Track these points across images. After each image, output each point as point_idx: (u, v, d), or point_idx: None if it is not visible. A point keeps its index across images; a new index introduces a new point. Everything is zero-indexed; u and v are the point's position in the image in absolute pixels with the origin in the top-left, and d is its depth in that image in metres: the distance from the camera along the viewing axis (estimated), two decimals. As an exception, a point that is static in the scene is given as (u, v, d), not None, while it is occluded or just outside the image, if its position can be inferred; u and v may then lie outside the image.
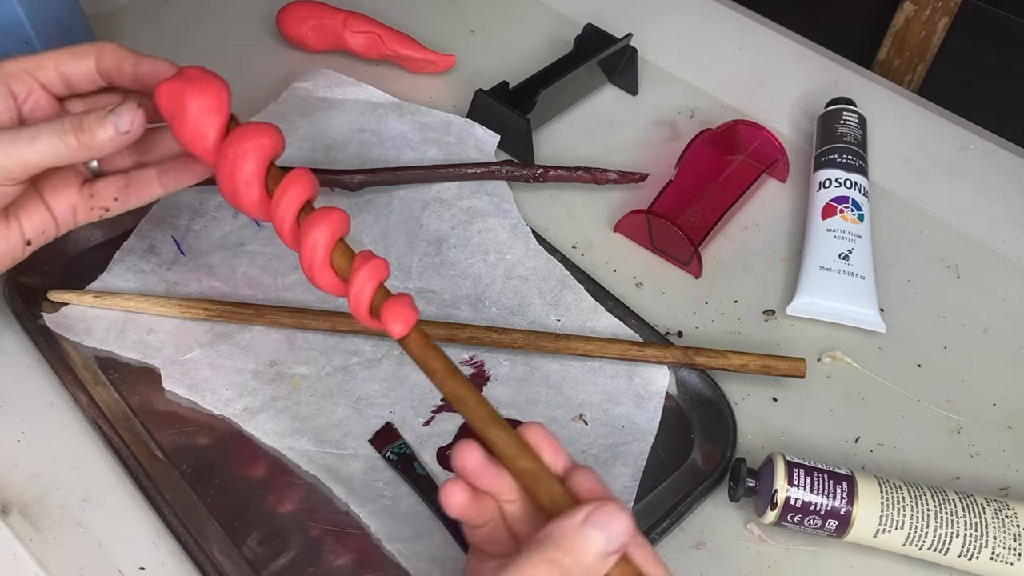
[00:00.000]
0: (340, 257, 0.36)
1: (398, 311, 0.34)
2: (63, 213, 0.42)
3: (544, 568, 0.28)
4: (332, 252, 0.36)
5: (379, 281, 0.35)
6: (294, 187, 0.37)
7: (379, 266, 0.35)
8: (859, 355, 0.54)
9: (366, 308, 0.35)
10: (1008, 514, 0.43)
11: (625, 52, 0.70)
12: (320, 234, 0.35)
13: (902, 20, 0.81)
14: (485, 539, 0.34)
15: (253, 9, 0.76)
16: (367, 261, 0.35)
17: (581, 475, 0.32)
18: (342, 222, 0.36)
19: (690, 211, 0.60)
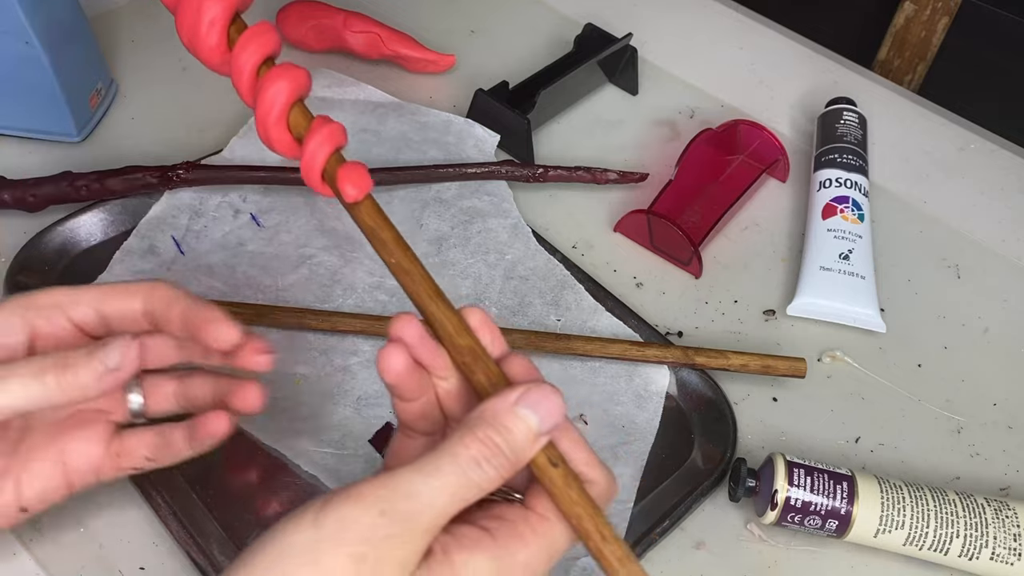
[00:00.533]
0: (298, 116, 0.34)
1: (354, 175, 0.32)
2: (81, 473, 0.37)
3: (475, 446, 0.28)
4: (290, 110, 0.34)
5: (336, 146, 0.33)
6: (258, 39, 0.34)
7: (337, 130, 0.33)
8: (859, 355, 0.54)
9: (319, 171, 0.33)
10: (1008, 514, 0.43)
11: (625, 52, 0.70)
12: (280, 88, 0.33)
13: (902, 20, 0.81)
14: (416, 416, 0.33)
15: (253, 9, 0.75)
16: (325, 124, 0.33)
17: (515, 361, 0.32)
18: (303, 79, 0.34)
19: (690, 211, 0.60)
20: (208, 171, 0.57)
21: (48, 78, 0.57)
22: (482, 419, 0.29)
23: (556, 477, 0.29)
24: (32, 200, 0.55)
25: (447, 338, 0.32)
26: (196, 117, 0.65)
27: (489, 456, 0.28)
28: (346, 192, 0.32)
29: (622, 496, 0.45)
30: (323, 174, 0.33)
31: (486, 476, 0.28)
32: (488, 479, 0.28)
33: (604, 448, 0.48)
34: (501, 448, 0.28)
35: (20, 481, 0.35)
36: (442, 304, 0.32)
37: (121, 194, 0.56)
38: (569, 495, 0.29)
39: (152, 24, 0.73)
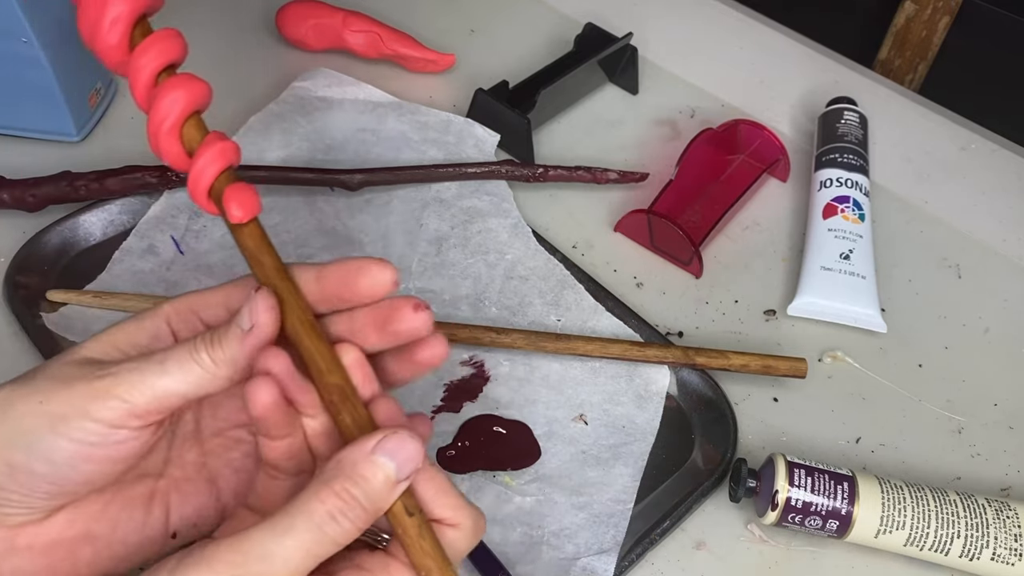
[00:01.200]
0: (192, 129, 0.33)
1: (241, 195, 0.31)
2: (234, 494, 0.34)
3: (331, 500, 0.27)
4: (184, 122, 0.33)
5: (227, 164, 0.32)
6: (161, 44, 0.34)
7: (229, 148, 0.32)
8: (860, 355, 0.54)
9: (206, 188, 0.32)
10: (1009, 514, 0.43)
11: (625, 51, 0.70)
12: (176, 98, 0.32)
13: (903, 19, 0.81)
14: (282, 455, 0.32)
15: (253, 9, 0.76)
16: (219, 140, 0.32)
17: (383, 403, 0.31)
18: (202, 92, 0.33)
19: (690, 211, 0.60)
20: (208, 171, 0.57)
21: (47, 78, 0.57)
22: (339, 470, 0.28)
23: (410, 527, 0.29)
24: (31, 200, 0.55)
25: (317, 374, 0.30)
26: (196, 117, 0.65)
27: (345, 509, 0.27)
28: (231, 212, 0.31)
29: (622, 496, 0.45)
30: (210, 191, 0.32)
31: (342, 530, 0.27)
32: (345, 533, 0.27)
33: (604, 448, 0.48)
34: (358, 500, 0.27)
35: (169, 503, 0.33)
36: (315, 338, 0.31)
37: (120, 194, 0.56)
38: (421, 546, 0.29)
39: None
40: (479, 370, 0.51)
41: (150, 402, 0.29)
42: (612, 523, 0.44)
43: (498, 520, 0.44)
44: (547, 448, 0.48)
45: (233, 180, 0.32)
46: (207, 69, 0.75)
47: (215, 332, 0.31)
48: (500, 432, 0.48)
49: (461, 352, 0.52)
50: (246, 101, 0.66)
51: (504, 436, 0.48)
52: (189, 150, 0.33)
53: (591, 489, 0.46)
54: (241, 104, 0.66)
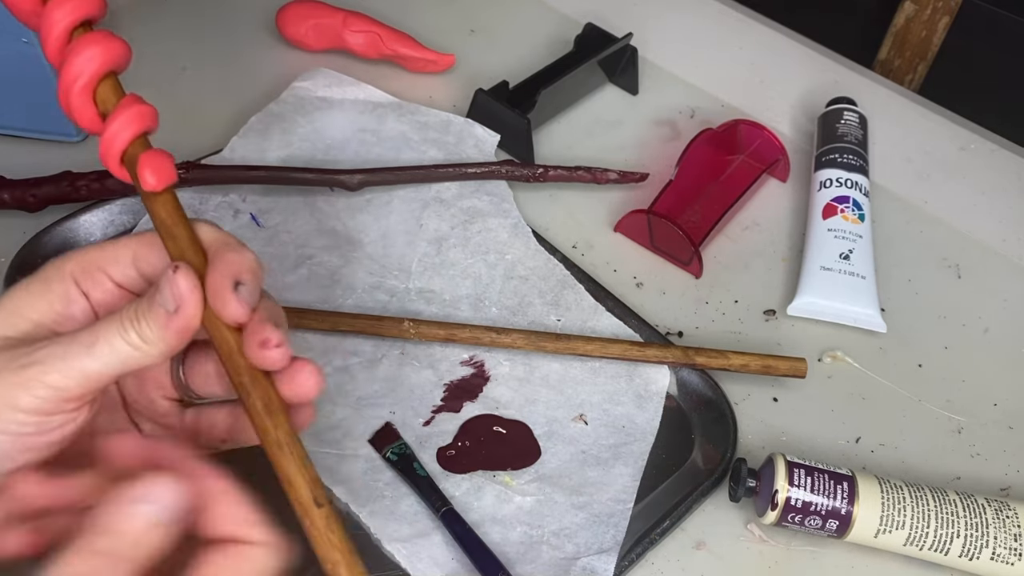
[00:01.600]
0: (107, 90, 0.31)
1: (156, 162, 0.30)
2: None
3: (89, 561, 0.25)
4: (99, 81, 0.31)
5: (143, 129, 0.30)
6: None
7: (147, 113, 0.31)
8: (860, 355, 0.54)
9: (119, 153, 0.30)
10: (1009, 514, 0.43)
11: (625, 52, 0.70)
12: (92, 55, 0.30)
13: (903, 20, 0.81)
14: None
15: (253, 9, 0.76)
16: (135, 104, 0.31)
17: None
18: (121, 51, 0.31)
19: (690, 211, 0.60)
20: (208, 171, 0.57)
21: (48, 78, 0.57)
22: (92, 528, 0.26)
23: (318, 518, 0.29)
24: (32, 200, 0.55)
25: (228, 354, 0.29)
26: (196, 117, 0.65)
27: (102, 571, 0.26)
28: (144, 179, 0.30)
29: (622, 496, 0.45)
30: (123, 157, 0.30)
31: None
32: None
33: (604, 448, 0.48)
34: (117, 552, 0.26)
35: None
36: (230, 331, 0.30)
37: (121, 194, 0.56)
38: (329, 538, 0.29)
39: (152, 24, 0.73)
40: (479, 370, 0.51)
41: (82, 385, 0.28)
42: (612, 523, 0.44)
43: (498, 520, 0.44)
44: (547, 448, 0.48)
45: (148, 146, 0.31)
46: (207, 69, 0.75)
47: (139, 308, 0.29)
48: (500, 432, 0.48)
49: (461, 352, 0.52)
50: (246, 101, 0.66)
51: (504, 436, 0.48)
52: (103, 112, 0.31)
53: (591, 489, 0.46)
54: (241, 104, 0.66)
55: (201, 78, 0.69)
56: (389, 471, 0.46)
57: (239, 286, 0.29)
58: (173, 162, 0.30)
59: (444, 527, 0.44)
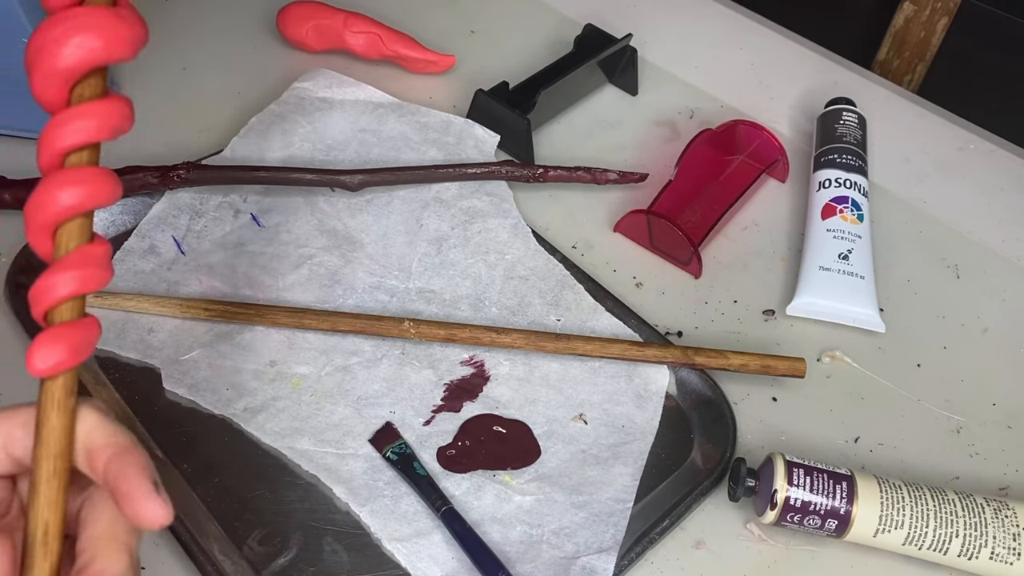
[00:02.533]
0: (71, 232, 0.27)
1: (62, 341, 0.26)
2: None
3: None
4: (67, 220, 0.27)
5: (79, 292, 0.27)
6: (98, 119, 0.28)
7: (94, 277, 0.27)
8: (859, 355, 0.54)
9: (44, 309, 0.27)
10: (1008, 514, 0.43)
11: (625, 52, 0.70)
12: (75, 194, 0.27)
13: (902, 20, 0.81)
14: None
15: (253, 9, 0.76)
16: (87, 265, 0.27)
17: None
18: (106, 196, 0.28)
19: (690, 211, 0.60)
20: (208, 171, 0.57)
21: (48, 78, 0.57)
22: None
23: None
24: (32, 200, 0.55)
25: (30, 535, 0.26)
26: (196, 117, 0.65)
27: None
28: (31, 359, 0.26)
29: (622, 495, 0.46)
30: (46, 315, 0.27)
31: None
32: None
33: (604, 447, 0.48)
34: None
35: None
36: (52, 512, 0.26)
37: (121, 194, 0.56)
38: None
39: (152, 24, 0.73)
40: (479, 370, 0.51)
41: None
42: (612, 522, 0.44)
43: (498, 519, 0.44)
44: (547, 447, 0.48)
45: (76, 314, 0.27)
46: (208, 69, 0.75)
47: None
48: (500, 431, 0.48)
49: (461, 352, 0.52)
50: (247, 102, 0.66)
51: (504, 435, 0.48)
52: (57, 249, 0.27)
53: (591, 488, 0.46)
54: (242, 105, 0.66)
55: (202, 78, 0.69)
56: (389, 470, 0.46)
57: (157, 485, 0.26)
58: (88, 342, 0.27)
59: (444, 526, 0.44)
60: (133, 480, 0.26)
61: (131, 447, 0.27)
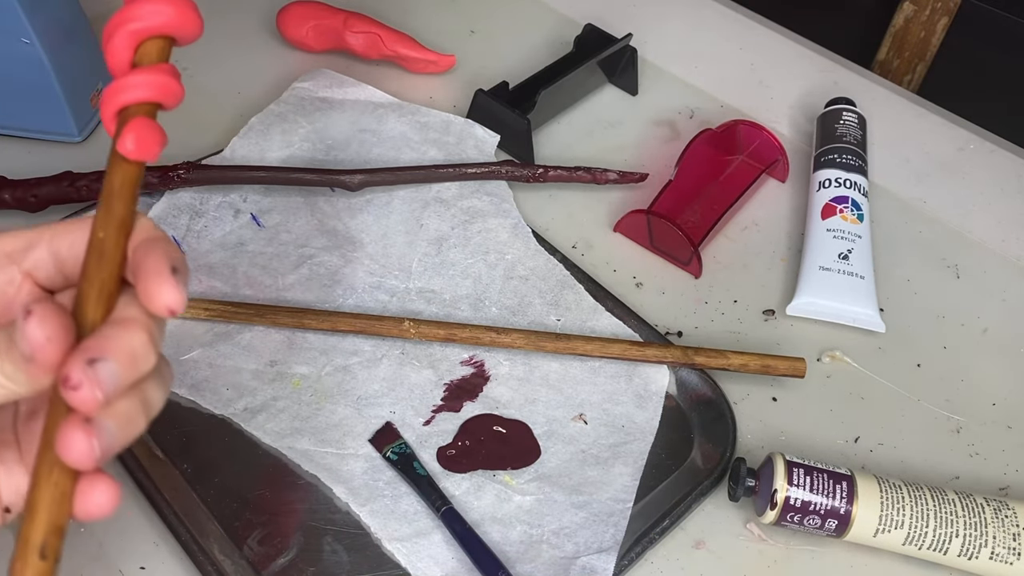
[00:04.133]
0: (154, 48, 0.28)
1: (147, 134, 0.28)
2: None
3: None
4: (151, 37, 0.28)
5: (160, 98, 0.28)
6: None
7: (174, 90, 0.29)
8: (859, 355, 0.54)
9: (121, 104, 0.28)
10: (1008, 514, 0.43)
11: (625, 52, 0.70)
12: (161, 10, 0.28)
13: (902, 20, 0.81)
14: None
15: (253, 9, 0.76)
16: (168, 76, 0.28)
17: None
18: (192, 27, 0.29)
19: (690, 211, 0.60)
20: (208, 171, 0.57)
21: (48, 78, 0.57)
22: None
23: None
24: (33, 200, 0.55)
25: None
26: (196, 117, 0.65)
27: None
28: (124, 142, 0.27)
29: (622, 495, 0.46)
30: (121, 110, 0.28)
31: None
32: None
33: (604, 448, 0.48)
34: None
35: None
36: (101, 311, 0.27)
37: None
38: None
39: None
40: (479, 370, 0.51)
41: None
42: (612, 522, 0.44)
43: (498, 519, 0.44)
44: (547, 447, 0.48)
45: (151, 116, 0.28)
46: (208, 70, 0.75)
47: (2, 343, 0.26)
48: (500, 431, 0.49)
49: (461, 352, 0.52)
50: (247, 102, 0.66)
51: (504, 435, 0.48)
52: (136, 62, 0.28)
53: (591, 488, 0.46)
54: (242, 105, 0.66)
55: (202, 78, 0.69)
56: (389, 470, 0.46)
57: (176, 272, 0.26)
58: (161, 146, 0.28)
59: (444, 526, 0.44)
60: (153, 261, 0.26)
61: (163, 237, 0.28)
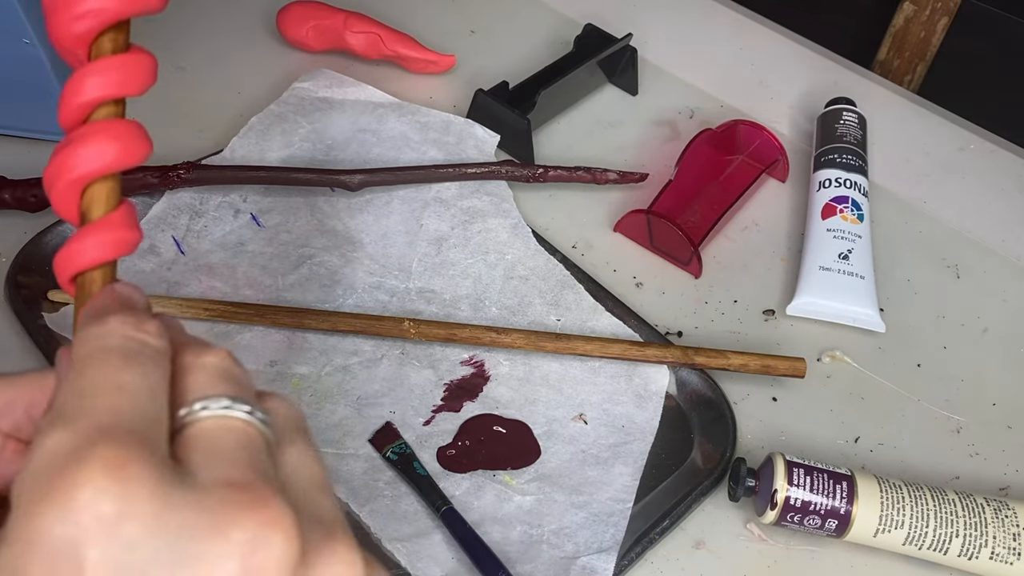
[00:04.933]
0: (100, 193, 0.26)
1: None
2: None
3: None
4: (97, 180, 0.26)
5: (113, 257, 0.26)
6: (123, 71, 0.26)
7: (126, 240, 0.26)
8: (859, 355, 0.54)
9: (74, 271, 0.26)
10: (1008, 514, 0.43)
11: (625, 52, 0.70)
12: (105, 151, 0.25)
13: (902, 20, 0.81)
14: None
15: (253, 9, 0.76)
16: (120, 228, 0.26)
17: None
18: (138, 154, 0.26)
19: (690, 211, 0.60)
20: (208, 171, 0.57)
21: (48, 78, 0.57)
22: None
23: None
24: (33, 200, 0.55)
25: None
26: (196, 117, 0.65)
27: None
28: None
29: (622, 495, 0.46)
30: (76, 277, 0.26)
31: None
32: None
33: (604, 448, 0.48)
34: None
35: None
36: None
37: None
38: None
39: (152, 24, 0.73)
40: (479, 370, 0.51)
41: None
42: (612, 522, 0.44)
43: (498, 519, 0.44)
44: (547, 447, 0.48)
45: (109, 279, 0.26)
46: (208, 69, 0.75)
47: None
48: (500, 431, 0.48)
49: (461, 352, 0.52)
50: (247, 102, 0.66)
51: (504, 435, 0.48)
52: (84, 213, 0.26)
53: (591, 488, 0.46)
54: (242, 105, 0.66)
55: (201, 78, 0.69)
56: (389, 470, 0.46)
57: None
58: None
59: (444, 526, 0.44)
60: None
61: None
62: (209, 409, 0.22)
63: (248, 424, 0.22)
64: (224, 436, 0.22)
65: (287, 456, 0.23)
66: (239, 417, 0.22)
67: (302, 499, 0.22)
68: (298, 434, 0.24)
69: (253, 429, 0.22)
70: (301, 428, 0.25)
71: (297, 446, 0.24)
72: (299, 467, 0.23)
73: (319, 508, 0.23)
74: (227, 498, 0.20)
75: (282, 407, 0.25)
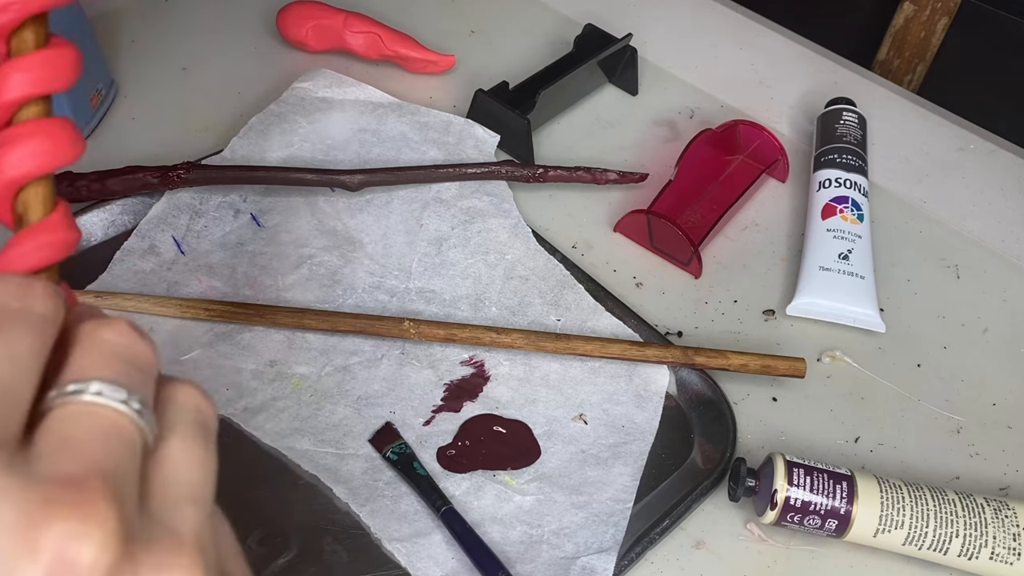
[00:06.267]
0: (35, 195, 0.25)
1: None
2: None
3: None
4: (30, 183, 0.25)
5: (52, 260, 0.25)
6: (48, 66, 0.25)
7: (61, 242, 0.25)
8: (859, 355, 0.54)
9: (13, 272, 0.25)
10: (1008, 514, 0.43)
11: (625, 52, 0.70)
12: (35, 151, 0.24)
13: (902, 20, 0.81)
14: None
15: (253, 9, 0.76)
16: (58, 229, 0.25)
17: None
18: (68, 152, 0.25)
19: (690, 211, 0.60)
20: (208, 171, 0.57)
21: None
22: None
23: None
24: None
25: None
26: (196, 117, 0.65)
27: None
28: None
29: (622, 495, 0.46)
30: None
31: None
32: None
33: (604, 448, 0.48)
34: None
35: None
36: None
37: (121, 194, 0.56)
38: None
39: (152, 24, 0.73)
40: (479, 370, 0.51)
41: None
42: (612, 522, 0.44)
43: (498, 519, 0.44)
44: (547, 447, 0.48)
45: (54, 281, 0.25)
46: (208, 69, 0.75)
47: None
48: (500, 431, 0.48)
49: (461, 352, 0.52)
50: (247, 102, 0.66)
51: (504, 435, 0.48)
52: (19, 216, 0.25)
53: (591, 488, 0.46)
54: (242, 105, 0.66)
55: (201, 78, 0.69)
56: (389, 470, 0.46)
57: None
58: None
59: (444, 526, 0.44)
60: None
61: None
62: (81, 394, 0.20)
63: (119, 414, 0.20)
64: (83, 425, 0.19)
65: (168, 452, 0.21)
66: (110, 406, 0.20)
67: (160, 504, 0.20)
68: (192, 429, 0.22)
69: (125, 420, 0.20)
70: (201, 423, 0.22)
71: (185, 443, 0.22)
72: (178, 467, 0.21)
73: (177, 518, 0.20)
74: (50, 495, 0.17)
75: (187, 398, 0.23)
